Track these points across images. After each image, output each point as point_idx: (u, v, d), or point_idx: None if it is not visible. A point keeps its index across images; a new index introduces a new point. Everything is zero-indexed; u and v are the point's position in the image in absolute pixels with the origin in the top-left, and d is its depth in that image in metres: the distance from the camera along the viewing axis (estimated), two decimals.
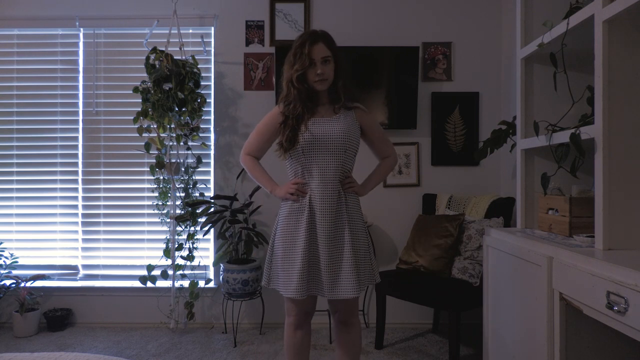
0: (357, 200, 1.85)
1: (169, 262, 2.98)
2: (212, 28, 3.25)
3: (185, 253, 3.00)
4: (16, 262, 3.16)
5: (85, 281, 3.26)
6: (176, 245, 2.98)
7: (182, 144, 2.95)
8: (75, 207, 3.30)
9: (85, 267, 3.29)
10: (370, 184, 1.93)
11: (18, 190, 3.29)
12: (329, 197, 1.73)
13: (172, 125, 2.90)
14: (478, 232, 2.61)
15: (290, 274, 1.73)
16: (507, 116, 2.98)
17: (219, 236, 2.99)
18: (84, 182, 3.29)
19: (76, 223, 3.29)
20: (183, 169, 3.02)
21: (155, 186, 3.01)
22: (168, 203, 3.02)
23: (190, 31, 3.24)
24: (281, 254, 1.76)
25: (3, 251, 3.17)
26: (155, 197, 3.03)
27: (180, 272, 3.01)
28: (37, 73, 3.29)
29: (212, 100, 3.24)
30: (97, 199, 3.29)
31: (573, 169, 1.65)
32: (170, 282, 2.99)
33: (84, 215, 3.29)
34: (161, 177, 2.99)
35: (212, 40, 3.25)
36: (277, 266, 1.79)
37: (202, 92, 2.98)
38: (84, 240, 3.29)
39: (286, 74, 1.79)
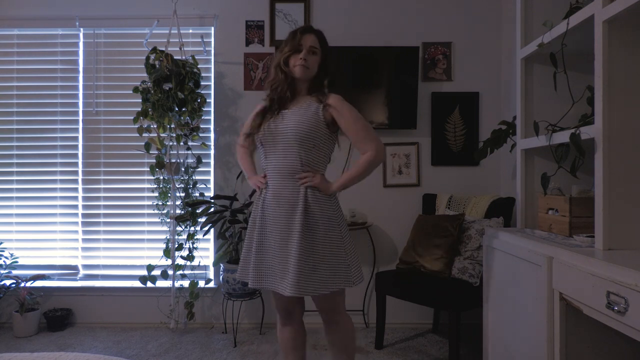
0: (324, 197, 1.73)
1: (169, 262, 2.98)
2: (212, 28, 3.25)
3: (185, 253, 3.00)
4: (16, 262, 3.16)
5: (85, 281, 3.26)
6: (176, 245, 2.98)
7: (182, 144, 2.95)
8: (75, 207, 3.30)
9: (85, 267, 3.29)
10: (339, 180, 1.77)
11: (18, 190, 3.29)
12: (280, 192, 1.72)
13: (172, 125, 2.90)
14: (478, 232, 2.61)
15: (247, 262, 1.79)
16: (507, 116, 2.98)
17: (219, 236, 2.99)
18: (84, 182, 3.29)
19: (76, 223, 3.29)
20: (183, 169, 3.02)
21: (155, 186, 3.02)
22: (168, 203, 3.02)
23: (190, 31, 3.24)
24: (245, 244, 1.83)
25: (3, 251, 3.17)
26: (155, 197, 3.03)
27: (180, 272, 3.01)
28: (37, 73, 3.29)
29: (212, 100, 3.24)
30: (97, 199, 3.29)
31: (573, 169, 1.65)
32: (170, 282, 2.99)
33: (84, 215, 3.29)
34: (161, 177, 2.99)
35: (212, 40, 3.25)
36: (243, 254, 1.83)
37: (202, 92, 2.98)
38: (84, 240, 3.29)
39: (276, 59, 1.82)
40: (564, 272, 1.45)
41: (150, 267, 2.96)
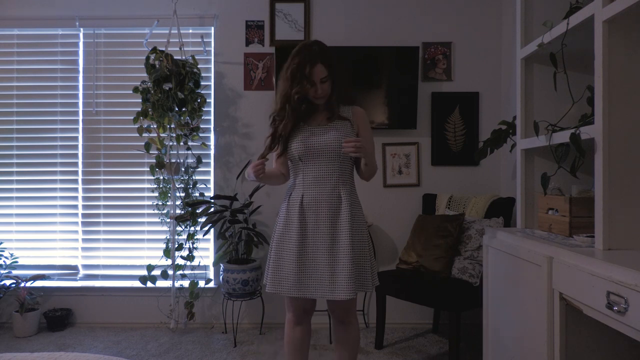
0: (359, 203, 1.88)
1: (169, 262, 2.98)
2: (212, 28, 3.25)
3: (185, 253, 3.00)
4: (16, 262, 3.16)
5: (85, 281, 3.26)
6: (176, 245, 2.98)
7: (182, 144, 2.95)
8: (75, 207, 3.30)
9: (85, 267, 3.29)
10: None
11: (18, 190, 3.29)
12: (325, 200, 1.77)
13: (172, 125, 2.90)
14: (478, 232, 2.61)
15: (283, 273, 1.77)
16: (507, 116, 2.98)
17: (219, 236, 2.99)
18: (84, 182, 3.29)
19: (76, 223, 3.29)
20: (183, 169, 3.02)
21: (155, 186, 3.02)
22: (168, 203, 3.02)
23: (190, 31, 3.24)
24: (275, 254, 1.81)
25: (3, 251, 3.17)
26: (155, 197, 3.03)
27: (180, 272, 3.01)
28: (37, 73, 3.29)
29: (212, 100, 3.24)
30: (97, 199, 3.29)
31: (573, 169, 1.65)
32: (170, 282, 2.99)
33: (84, 215, 3.29)
34: (161, 177, 2.99)
35: (212, 40, 3.25)
36: (273, 265, 1.80)
37: (202, 92, 2.98)
38: (84, 240, 3.29)
39: (282, 89, 1.81)
40: (564, 272, 1.45)
41: (150, 267, 2.96)
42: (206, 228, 2.95)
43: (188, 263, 3.01)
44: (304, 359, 1.93)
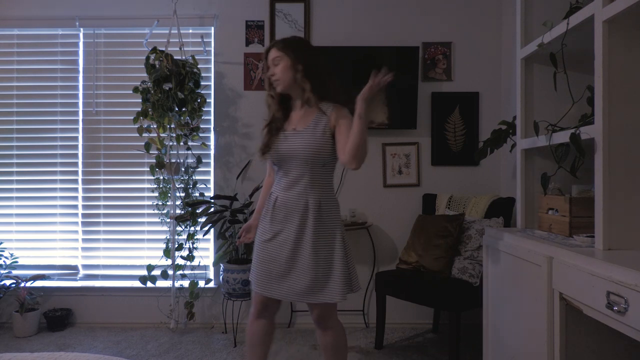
0: (331, 210, 1.81)
1: (169, 262, 2.98)
2: (212, 28, 3.25)
3: (185, 253, 3.00)
4: (16, 262, 3.16)
5: (85, 281, 3.26)
6: (176, 245, 2.98)
7: (182, 144, 2.95)
8: (75, 207, 3.30)
9: (85, 267, 3.29)
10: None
11: (18, 190, 3.29)
12: (293, 206, 1.78)
13: (172, 125, 2.90)
14: (478, 232, 2.61)
15: (254, 267, 1.87)
16: (507, 116, 2.98)
17: (219, 236, 2.99)
18: (84, 182, 3.29)
19: (76, 223, 3.29)
20: (183, 169, 3.02)
21: (155, 186, 3.01)
22: (168, 203, 3.02)
23: (190, 31, 3.24)
24: (254, 248, 1.90)
25: (3, 251, 3.17)
26: (155, 197, 3.03)
27: (180, 272, 3.01)
28: (37, 73, 3.29)
29: (212, 100, 3.24)
30: (97, 199, 3.29)
31: (573, 169, 1.65)
32: (170, 282, 2.99)
33: (84, 215, 3.29)
34: (161, 177, 2.99)
35: (212, 40, 3.25)
36: (253, 258, 1.90)
37: (202, 92, 2.98)
38: (84, 240, 3.29)
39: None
40: (564, 272, 1.45)
41: (150, 267, 2.96)
42: (206, 228, 2.95)
43: (188, 263, 3.01)
44: (262, 355, 1.93)
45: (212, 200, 3.03)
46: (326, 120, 1.78)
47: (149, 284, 2.95)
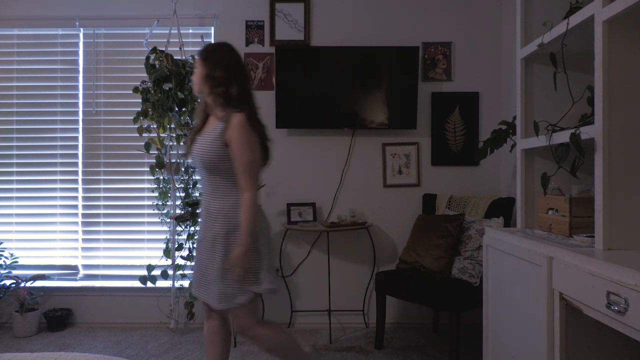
0: (230, 218, 1.76)
1: (169, 262, 2.98)
2: (212, 28, 3.25)
3: (185, 253, 3.00)
4: (16, 262, 3.16)
5: (85, 281, 3.26)
6: (176, 245, 2.98)
7: (182, 144, 2.95)
8: (75, 207, 3.30)
9: (85, 267, 3.29)
10: (242, 232, 1.73)
11: (18, 190, 3.29)
12: (203, 212, 1.87)
13: (172, 125, 2.90)
14: (478, 232, 2.61)
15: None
16: (507, 116, 2.98)
17: None
18: (84, 182, 3.29)
19: (76, 223, 3.29)
20: (183, 169, 3.02)
21: (155, 186, 3.02)
22: (168, 203, 3.02)
23: (190, 31, 3.24)
24: None
25: (3, 251, 3.17)
26: (155, 197, 3.03)
27: (180, 272, 3.01)
28: (37, 73, 3.29)
29: None
30: (97, 199, 3.29)
31: (573, 169, 1.65)
32: (170, 282, 2.99)
33: (84, 215, 3.29)
34: (161, 177, 2.99)
35: (212, 40, 3.25)
36: None
37: None
38: (84, 240, 3.29)
39: None
40: (564, 272, 1.45)
41: (150, 267, 2.96)
42: None
43: (188, 263, 3.01)
44: (215, 353, 1.95)
45: None
46: (222, 128, 1.74)
47: (149, 284, 2.95)
